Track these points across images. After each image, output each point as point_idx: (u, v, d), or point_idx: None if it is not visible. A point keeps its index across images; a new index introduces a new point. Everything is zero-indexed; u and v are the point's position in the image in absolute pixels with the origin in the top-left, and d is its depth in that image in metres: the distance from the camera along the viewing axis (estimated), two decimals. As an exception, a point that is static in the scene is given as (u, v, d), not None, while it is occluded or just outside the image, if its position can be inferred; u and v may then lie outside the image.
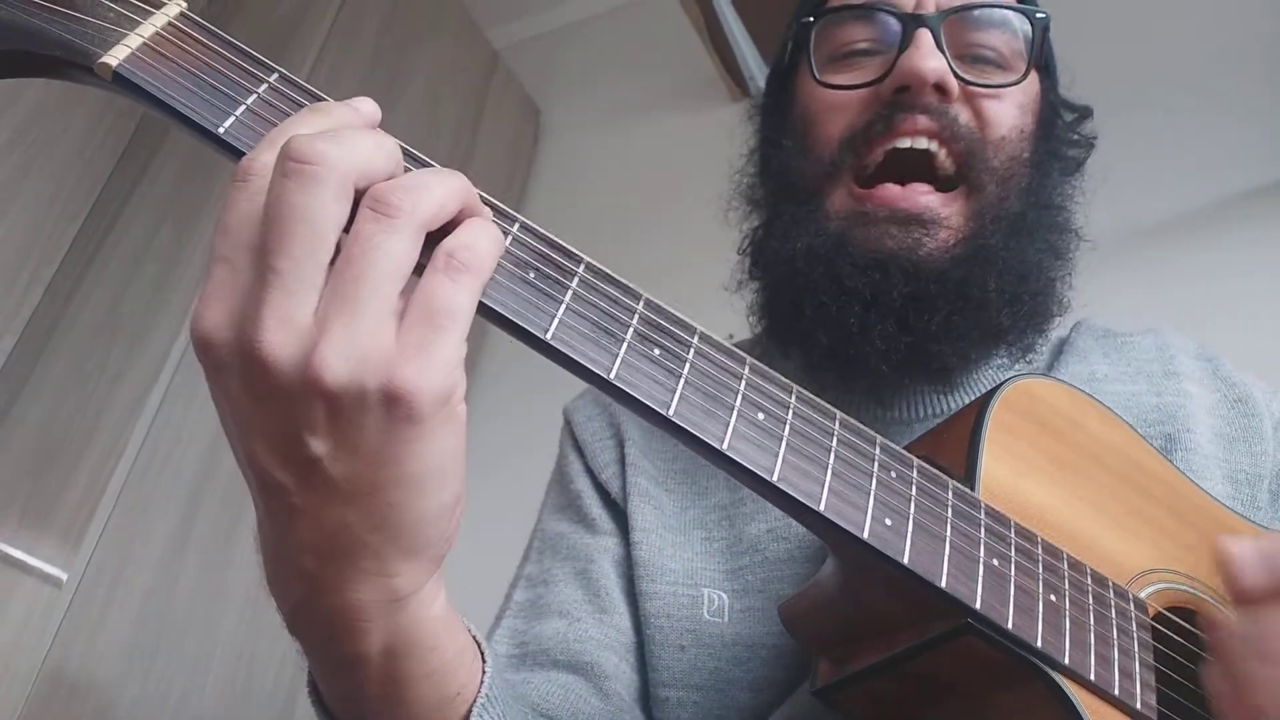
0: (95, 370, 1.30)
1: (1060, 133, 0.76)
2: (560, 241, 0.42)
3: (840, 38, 0.72)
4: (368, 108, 0.39)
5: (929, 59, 0.65)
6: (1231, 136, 1.54)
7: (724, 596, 0.65)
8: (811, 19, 0.73)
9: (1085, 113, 0.79)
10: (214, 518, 1.39)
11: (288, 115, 0.39)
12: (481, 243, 0.36)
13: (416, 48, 1.93)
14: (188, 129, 0.39)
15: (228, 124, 0.39)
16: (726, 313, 0.81)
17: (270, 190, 0.34)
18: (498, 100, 2.17)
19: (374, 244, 0.34)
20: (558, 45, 2.33)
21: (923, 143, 0.66)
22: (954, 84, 0.66)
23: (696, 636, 0.64)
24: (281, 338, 0.33)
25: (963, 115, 0.67)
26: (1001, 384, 0.57)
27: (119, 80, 0.38)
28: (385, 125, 0.41)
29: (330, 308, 0.33)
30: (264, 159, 0.36)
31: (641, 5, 2.14)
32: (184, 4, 0.41)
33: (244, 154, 0.37)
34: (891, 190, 0.66)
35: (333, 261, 0.34)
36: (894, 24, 0.68)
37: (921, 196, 0.66)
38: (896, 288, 0.64)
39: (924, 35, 0.66)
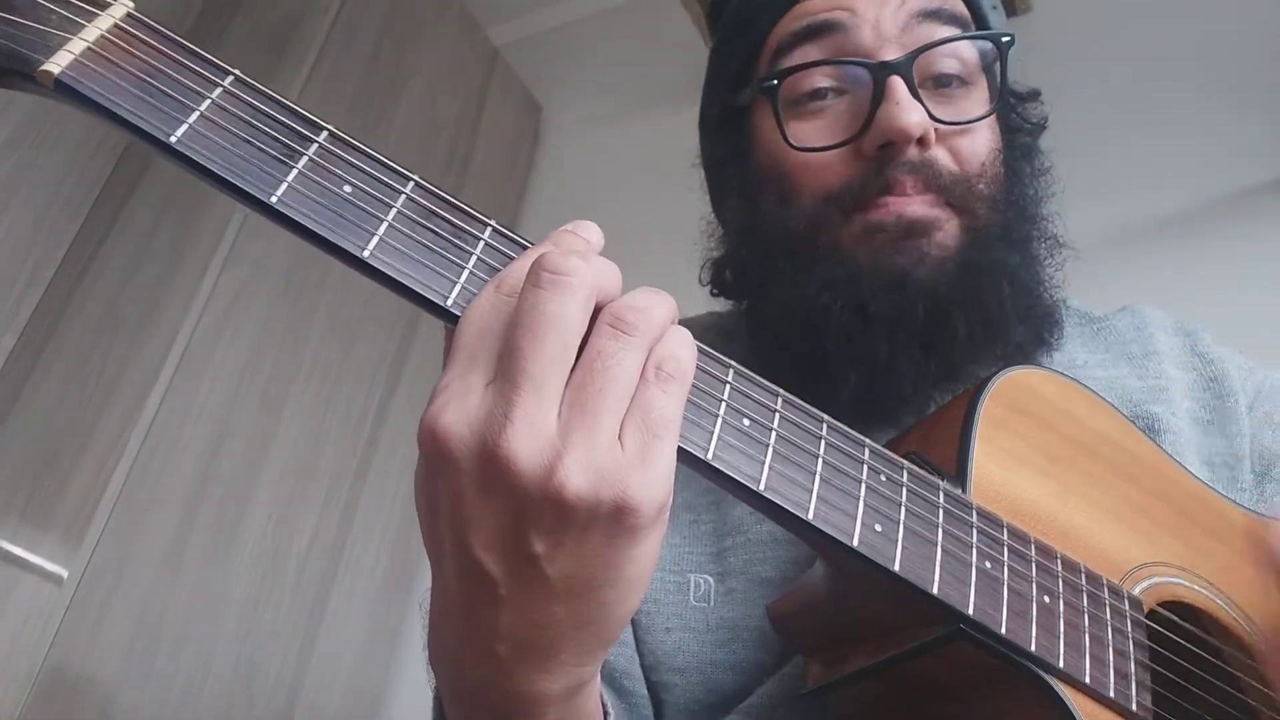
0: (95, 370, 1.30)
1: (1014, 123, 0.74)
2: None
3: (801, 80, 0.68)
4: (596, 236, 0.41)
5: (910, 113, 0.63)
6: (1230, 134, 1.53)
7: (709, 580, 0.65)
8: (775, 81, 0.68)
9: (1032, 96, 0.76)
10: (214, 518, 1.39)
11: (244, 122, 0.38)
12: (683, 352, 0.38)
13: (416, 46, 1.93)
14: (139, 139, 0.36)
15: (180, 132, 0.36)
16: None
17: (524, 298, 0.35)
18: (498, 98, 2.17)
19: (616, 360, 0.35)
20: (558, 43, 2.32)
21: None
22: (933, 134, 0.65)
23: (682, 620, 0.64)
24: (527, 442, 0.33)
25: (942, 158, 0.66)
26: (990, 377, 0.56)
27: (62, 88, 0.36)
28: (385, 124, 0.40)
29: (573, 418, 0.34)
30: (518, 273, 0.37)
31: (642, 3, 2.13)
32: (131, 4, 0.38)
33: (199, 164, 0.37)
34: (897, 198, 0.64)
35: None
36: (863, 73, 0.66)
37: (922, 196, 0.65)
38: (920, 305, 0.62)
39: (898, 85, 0.63)
